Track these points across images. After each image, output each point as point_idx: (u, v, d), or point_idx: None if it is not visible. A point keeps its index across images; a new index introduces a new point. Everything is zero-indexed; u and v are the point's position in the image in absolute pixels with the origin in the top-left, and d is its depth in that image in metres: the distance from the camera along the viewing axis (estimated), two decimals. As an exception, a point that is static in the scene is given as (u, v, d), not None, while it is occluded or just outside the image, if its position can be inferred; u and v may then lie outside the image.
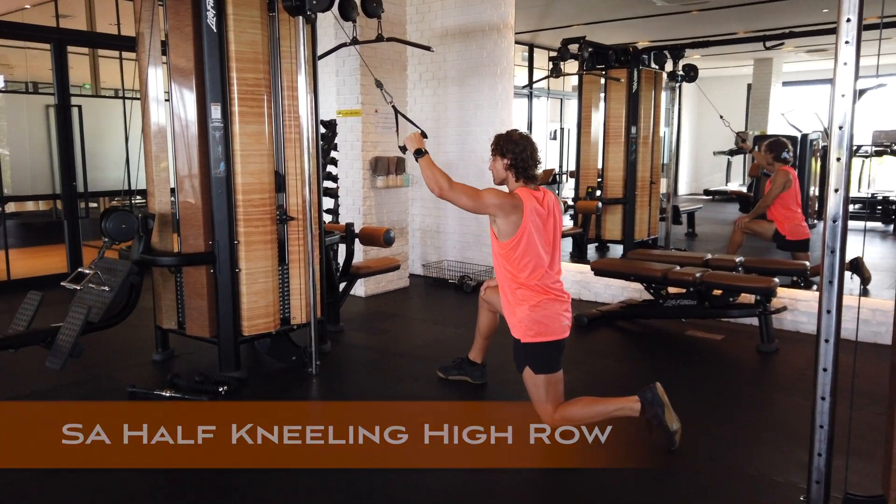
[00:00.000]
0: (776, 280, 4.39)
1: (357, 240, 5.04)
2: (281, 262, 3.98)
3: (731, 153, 14.18)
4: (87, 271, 3.51)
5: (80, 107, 6.41)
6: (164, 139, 3.93)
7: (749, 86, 14.47)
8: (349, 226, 4.85)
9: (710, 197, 13.35)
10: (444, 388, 3.77)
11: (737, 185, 14.49)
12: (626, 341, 4.77)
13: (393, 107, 3.94)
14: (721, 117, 7.40)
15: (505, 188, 3.17)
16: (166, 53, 3.74)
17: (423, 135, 3.39)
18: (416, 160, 3.18)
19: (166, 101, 3.83)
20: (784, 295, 4.73)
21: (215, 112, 3.61)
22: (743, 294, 4.57)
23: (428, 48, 4.84)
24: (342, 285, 5.00)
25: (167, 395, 3.52)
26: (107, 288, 3.47)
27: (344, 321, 5.01)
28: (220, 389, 3.59)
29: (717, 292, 4.61)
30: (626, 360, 4.34)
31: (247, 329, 3.82)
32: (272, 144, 3.82)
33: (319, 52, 4.93)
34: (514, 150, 3.05)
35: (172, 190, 3.92)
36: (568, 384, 3.14)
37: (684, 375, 3.98)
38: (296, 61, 3.77)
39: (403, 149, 3.39)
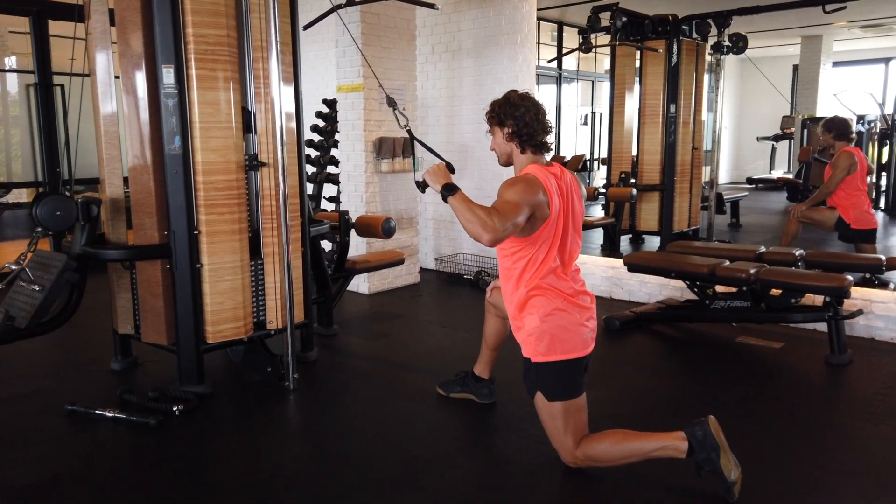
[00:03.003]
0: (850, 278, 3.64)
1: (353, 230, 4.41)
2: (255, 256, 3.37)
3: (776, 138, 13.28)
4: (15, 266, 2.94)
5: (62, 86, 5.88)
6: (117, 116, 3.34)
7: (795, 67, 13.50)
8: (343, 214, 4.22)
9: (754, 185, 12.47)
10: (444, 408, 3.12)
11: (781, 171, 13.57)
12: (665, 350, 4.07)
13: (408, 132, 3.17)
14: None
15: (511, 171, 2.51)
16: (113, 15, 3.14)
17: (450, 168, 2.48)
18: (445, 200, 2.28)
19: (117, 77, 3.24)
20: (856, 295, 3.97)
21: (167, 76, 3.00)
22: (807, 294, 3.84)
23: (432, 6, 4.18)
24: (339, 282, 4.40)
25: (110, 415, 2.94)
26: (37, 287, 2.90)
27: (339, 323, 4.39)
28: (175, 409, 3.00)
29: (776, 292, 3.88)
30: (664, 375, 3.64)
31: (211, 336, 3.22)
32: (240, 116, 3.20)
33: (308, 15, 4.33)
34: (514, 113, 2.40)
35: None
36: (592, 407, 2.48)
37: (737, 394, 3.27)
38: (265, 16, 3.14)
39: (423, 185, 2.50)
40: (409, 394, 3.31)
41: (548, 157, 2.50)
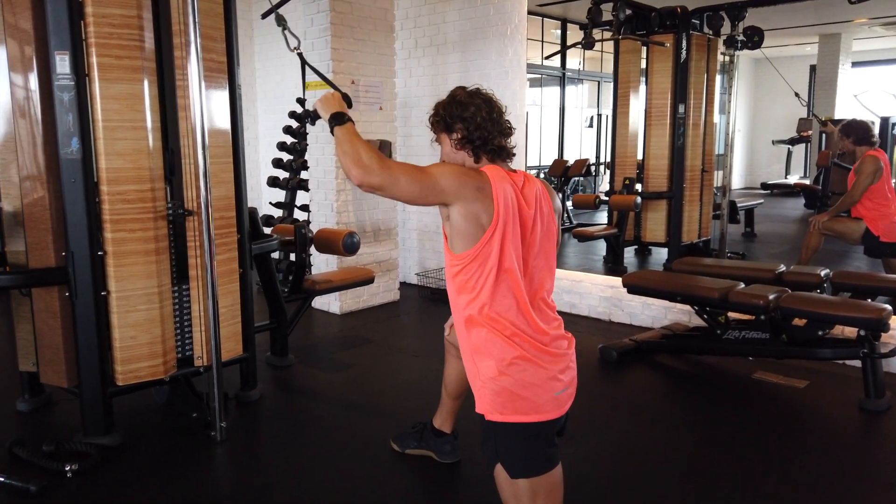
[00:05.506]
0: (888, 308, 3.07)
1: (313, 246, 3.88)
2: (182, 280, 2.85)
3: (792, 142, 12.65)
4: None
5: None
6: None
7: (813, 67, 12.87)
8: (299, 228, 3.69)
9: (768, 191, 11.83)
10: (397, 468, 2.58)
11: (798, 176, 12.93)
12: (670, 389, 3.50)
13: (300, 55, 2.72)
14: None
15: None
16: None
17: (346, 100, 2.12)
18: (331, 130, 1.91)
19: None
20: (894, 326, 3.39)
21: (61, 64, 2.48)
22: (838, 325, 3.27)
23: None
24: (297, 305, 3.86)
25: (-16, 477, 2.42)
26: None
27: (298, 350, 3.86)
28: (67, 469, 2.47)
29: (800, 322, 3.31)
30: (668, 421, 3.07)
31: (121, 376, 2.69)
32: (157, 114, 2.68)
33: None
34: (463, 114, 1.85)
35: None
36: (579, 466, 1.92)
37: (753, 448, 2.70)
38: (184, -9, 2.61)
39: (312, 116, 2.15)
40: (360, 447, 2.76)
41: (511, 164, 1.96)
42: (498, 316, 1.80)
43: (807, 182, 10.89)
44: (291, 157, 5.59)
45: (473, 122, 1.86)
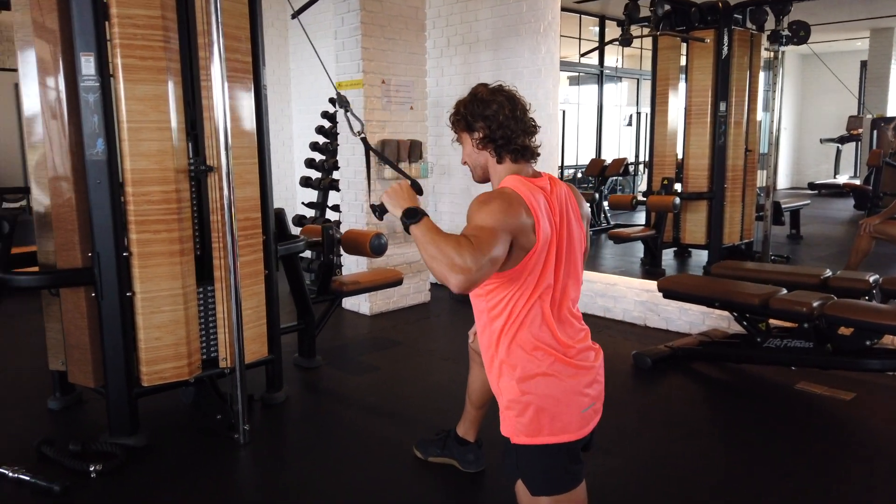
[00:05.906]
0: (943, 317, 2.89)
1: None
2: (206, 281, 2.84)
3: (842, 140, 12.21)
4: None
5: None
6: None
7: (864, 62, 12.42)
8: (326, 229, 3.65)
9: (816, 191, 11.44)
10: (420, 476, 2.52)
11: (847, 176, 12.48)
12: (706, 399, 3.36)
13: (363, 140, 2.62)
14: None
15: (488, 187, 1.88)
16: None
17: (416, 188, 1.86)
18: (406, 228, 1.66)
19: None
20: (949, 335, 3.20)
21: (87, 66, 2.49)
22: (887, 335, 3.10)
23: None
24: (324, 307, 3.84)
25: (12, 475, 2.43)
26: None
27: (326, 352, 3.83)
28: (91, 469, 2.48)
29: (846, 330, 3.15)
30: (704, 434, 2.94)
31: (146, 377, 2.69)
32: (182, 115, 2.67)
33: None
34: (485, 113, 1.75)
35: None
36: (607, 480, 1.83)
37: (795, 465, 2.57)
38: (209, -9, 2.59)
39: (380, 210, 1.85)
40: (386, 452, 2.71)
41: (535, 165, 1.87)
42: (523, 329, 1.72)
43: (857, 182, 10.47)
44: (323, 158, 5.59)
45: (496, 121, 1.77)
